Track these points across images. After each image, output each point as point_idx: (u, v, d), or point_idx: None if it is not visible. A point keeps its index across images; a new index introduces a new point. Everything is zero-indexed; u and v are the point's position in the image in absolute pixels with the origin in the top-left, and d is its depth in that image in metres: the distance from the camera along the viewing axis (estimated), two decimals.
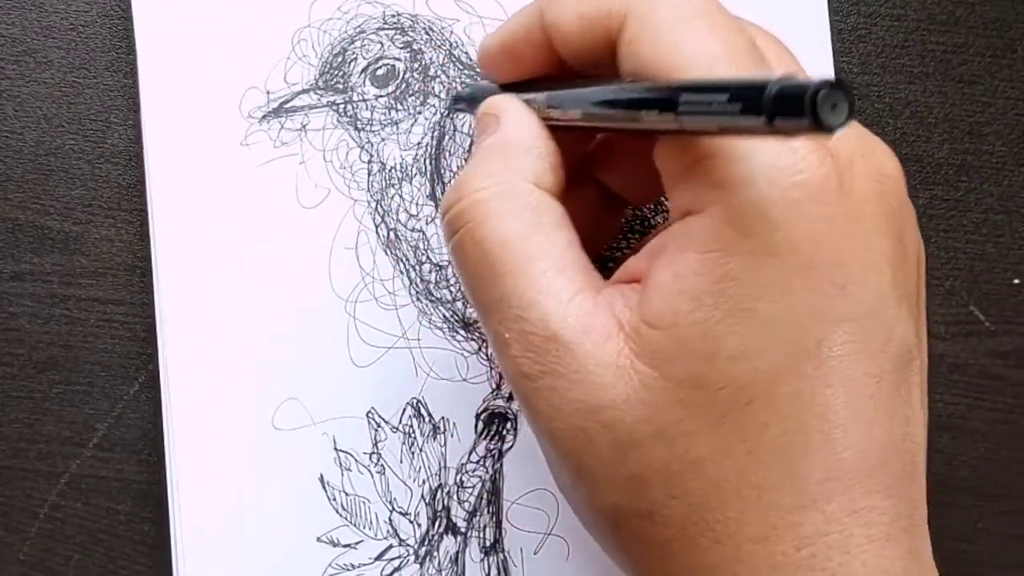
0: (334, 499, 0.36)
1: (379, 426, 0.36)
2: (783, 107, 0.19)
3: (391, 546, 0.36)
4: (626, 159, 0.31)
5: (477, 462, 0.36)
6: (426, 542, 0.36)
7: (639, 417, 0.24)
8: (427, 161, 0.36)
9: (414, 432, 0.36)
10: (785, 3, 0.38)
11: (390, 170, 0.36)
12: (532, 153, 0.28)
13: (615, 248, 0.35)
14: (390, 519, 0.36)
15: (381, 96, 0.37)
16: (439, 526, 0.36)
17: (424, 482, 0.36)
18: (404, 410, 0.36)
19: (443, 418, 0.36)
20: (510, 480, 0.36)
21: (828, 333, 0.24)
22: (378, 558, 0.36)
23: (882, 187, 0.25)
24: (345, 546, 0.36)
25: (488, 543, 0.36)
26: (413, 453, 0.36)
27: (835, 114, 0.18)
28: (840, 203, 0.24)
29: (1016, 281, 0.39)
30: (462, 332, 0.36)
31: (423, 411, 0.36)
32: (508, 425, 0.36)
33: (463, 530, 0.36)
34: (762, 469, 0.24)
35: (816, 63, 0.38)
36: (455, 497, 0.36)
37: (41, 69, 0.37)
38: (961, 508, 0.38)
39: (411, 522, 0.36)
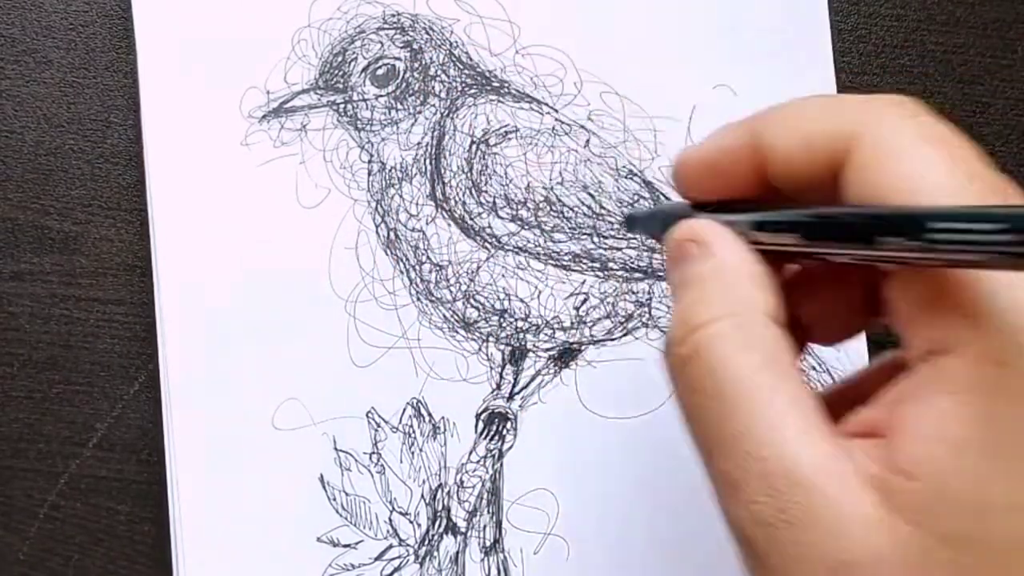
0: (334, 499, 0.36)
1: (379, 426, 0.36)
2: None
3: (391, 546, 0.36)
4: (823, 294, 0.29)
5: (477, 462, 0.36)
6: (426, 542, 0.36)
7: (891, 568, 0.22)
8: (427, 161, 0.36)
9: (414, 432, 0.36)
10: (785, 3, 0.38)
11: (390, 170, 0.36)
12: (756, 282, 0.26)
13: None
14: (390, 519, 0.36)
15: (381, 96, 0.37)
16: (439, 526, 0.36)
17: (424, 482, 0.36)
18: (404, 410, 0.36)
19: (443, 418, 0.36)
20: (510, 480, 0.36)
21: None
22: (378, 558, 0.36)
23: None
24: (345, 546, 0.36)
25: (488, 543, 0.36)
26: (413, 453, 0.36)
27: None
28: None
29: None
30: (462, 332, 0.36)
31: (423, 411, 0.36)
32: (508, 425, 0.36)
33: (463, 530, 0.36)
34: None
35: (816, 63, 0.38)
36: (455, 497, 0.36)
37: (41, 69, 0.37)
38: None
39: (411, 522, 0.36)
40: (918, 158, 0.23)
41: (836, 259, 0.24)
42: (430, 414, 0.36)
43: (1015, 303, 0.22)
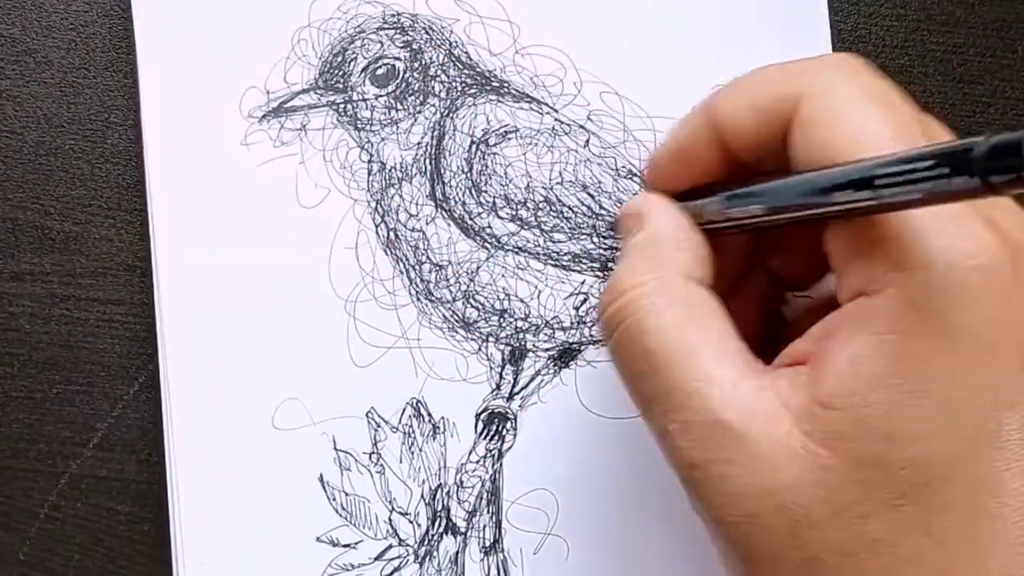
0: (334, 499, 0.36)
1: (379, 426, 0.36)
2: (997, 163, 0.19)
3: (391, 546, 0.36)
4: (793, 247, 0.31)
5: (477, 462, 0.36)
6: (426, 542, 0.36)
7: (816, 498, 0.24)
8: (427, 161, 0.36)
9: (414, 432, 0.36)
10: (785, 3, 0.38)
11: (390, 170, 0.36)
12: (682, 247, 0.28)
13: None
14: (390, 519, 0.36)
15: (381, 96, 0.37)
16: (439, 526, 0.36)
17: (424, 482, 0.36)
18: (404, 410, 0.36)
19: (443, 418, 0.36)
20: (510, 480, 0.36)
21: (1009, 415, 0.24)
22: (378, 558, 0.36)
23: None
24: (345, 546, 0.36)
25: (488, 543, 0.36)
26: (413, 453, 0.36)
27: None
28: (1016, 287, 0.24)
29: None
30: (462, 332, 0.36)
31: (423, 411, 0.36)
32: (508, 425, 0.36)
33: (463, 530, 0.36)
34: (943, 552, 0.24)
35: None
36: (455, 497, 0.36)
37: (41, 69, 0.37)
38: None
39: (411, 522, 0.36)
40: (859, 112, 0.26)
41: (796, 219, 0.26)
42: (430, 414, 0.36)
43: (938, 251, 0.24)
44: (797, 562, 0.24)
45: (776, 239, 0.32)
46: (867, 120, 0.25)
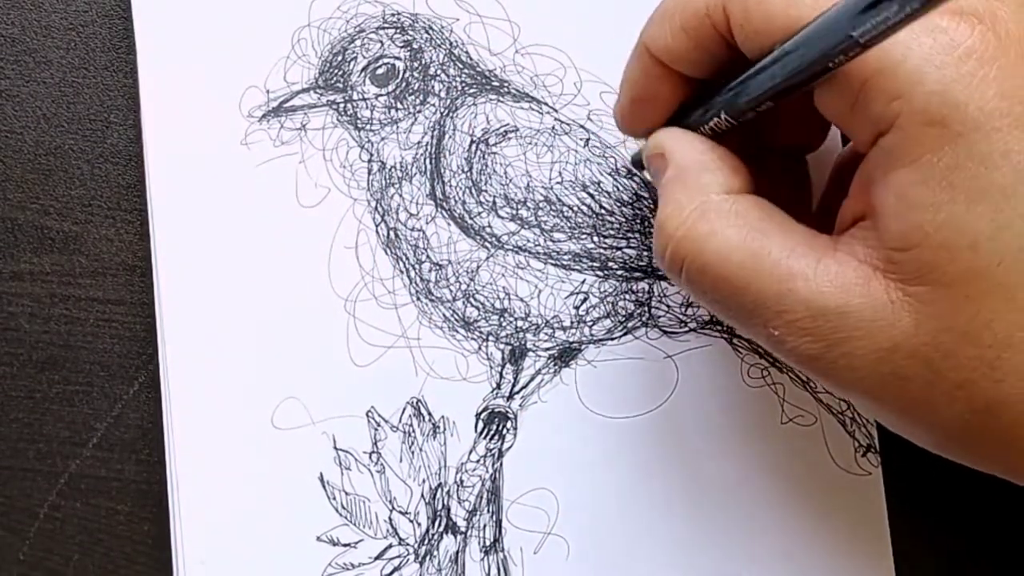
0: (334, 498, 0.36)
1: (379, 425, 0.36)
2: None
3: (391, 545, 0.36)
4: (792, 118, 0.32)
5: (477, 461, 0.36)
6: (426, 541, 0.36)
7: (937, 328, 0.25)
8: (427, 160, 0.36)
9: (414, 431, 0.36)
10: None
11: (390, 169, 0.36)
12: (708, 168, 0.29)
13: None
14: (390, 518, 0.36)
15: (381, 95, 0.37)
16: (439, 525, 0.36)
17: (424, 481, 0.36)
18: (404, 409, 0.36)
19: (443, 417, 0.36)
20: (510, 479, 0.36)
21: None
22: (378, 557, 0.36)
23: None
24: (345, 545, 0.36)
25: (488, 542, 0.36)
26: (413, 452, 0.36)
27: None
28: (1007, 49, 0.24)
29: None
30: (462, 331, 0.36)
31: (423, 410, 0.36)
32: (508, 424, 0.36)
33: (463, 529, 0.36)
34: None
35: None
36: (455, 496, 0.36)
37: (41, 69, 0.37)
38: None
39: (411, 521, 0.36)
40: None
41: (786, 94, 0.27)
42: (430, 413, 0.36)
43: (923, 59, 0.24)
44: (948, 393, 0.25)
45: (772, 120, 0.32)
46: None
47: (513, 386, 0.36)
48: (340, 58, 0.36)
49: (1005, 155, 0.24)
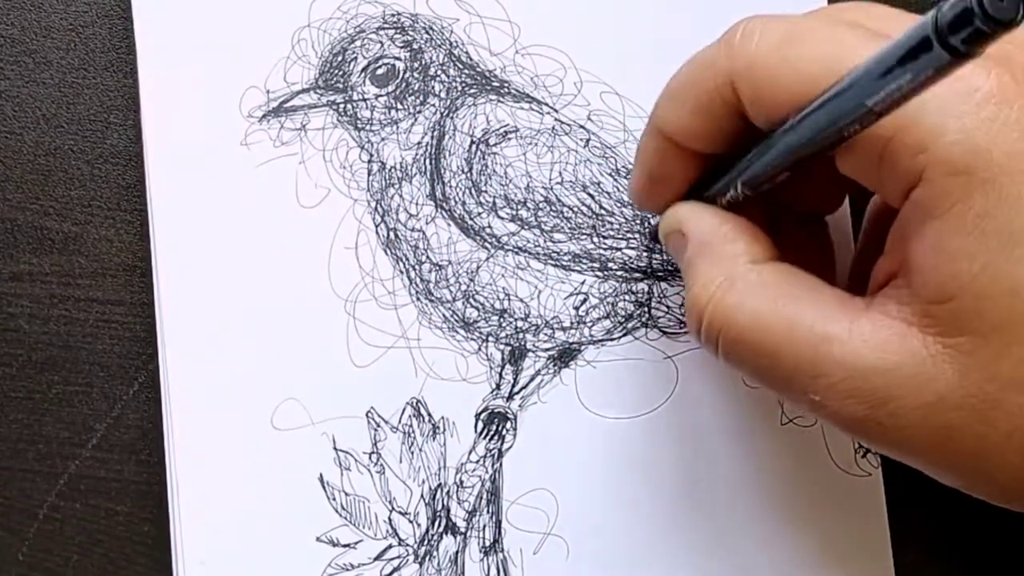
0: (334, 499, 0.36)
1: (379, 426, 0.36)
2: (956, 32, 0.19)
3: (390, 546, 0.36)
4: (809, 182, 0.31)
5: (477, 462, 0.36)
6: (425, 542, 0.36)
7: (983, 379, 0.24)
8: (427, 161, 0.36)
9: (414, 432, 0.36)
10: (784, 4, 0.38)
11: (390, 170, 0.36)
12: (731, 239, 0.29)
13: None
14: (389, 519, 0.36)
15: (381, 95, 0.37)
16: (439, 526, 0.36)
17: (424, 482, 0.36)
18: (404, 410, 0.36)
19: (443, 418, 0.36)
20: (510, 480, 0.36)
21: None
22: (377, 558, 0.36)
23: None
24: (344, 546, 0.36)
25: (487, 543, 0.36)
26: (413, 453, 0.36)
27: (1006, 7, 0.18)
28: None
29: None
30: (462, 332, 0.36)
31: (423, 411, 0.36)
32: (508, 425, 0.36)
33: (463, 530, 0.36)
34: None
35: None
36: (455, 497, 0.36)
37: (41, 69, 0.37)
38: None
39: (411, 522, 0.36)
40: (783, 63, 0.26)
41: (808, 160, 0.27)
42: (430, 414, 0.36)
43: (941, 111, 0.24)
44: (1001, 439, 0.25)
45: (789, 184, 0.32)
46: (803, 60, 0.26)
47: (513, 387, 0.36)
48: (340, 58, 0.36)
49: None
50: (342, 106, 0.36)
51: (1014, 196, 0.24)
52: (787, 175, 0.28)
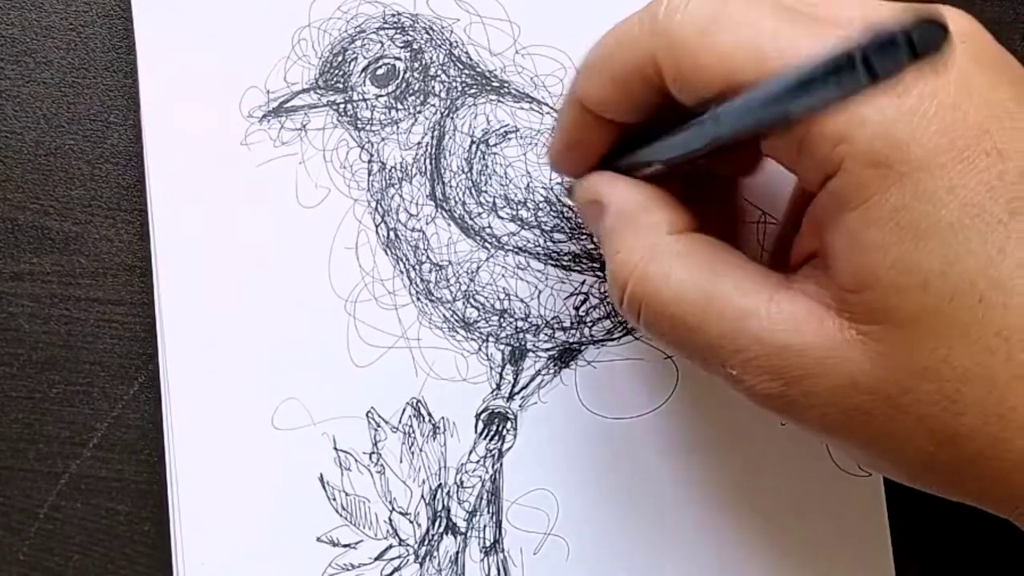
0: (334, 499, 0.36)
1: (379, 426, 0.36)
2: (879, 59, 0.19)
3: (391, 546, 0.36)
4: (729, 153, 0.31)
5: (477, 462, 0.36)
6: (426, 542, 0.36)
7: (895, 367, 0.25)
8: (427, 161, 0.36)
9: (414, 432, 0.36)
10: None
11: (390, 170, 0.36)
12: (650, 210, 0.29)
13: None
14: (390, 519, 0.36)
15: (381, 96, 0.37)
16: (439, 526, 0.36)
17: (424, 482, 0.36)
18: (404, 410, 0.36)
19: (443, 418, 0.36)
20: (510, 480, 0.36)
21: (1007, 195, 0.24)
22: (378, 558, 0.36)
23: (973, 47, 0.25)
24: (345, 546, 0.36)
25: (488, 543, 0.36)
26: (413, 453, 0.36)
27: (931, 40, 0.18)
28: (947, 83, 0.24)
29: None
30: (462, 332, 0.36)
31: (423, 411, 0.36)
32: (508, 425, 0.36)
33: (463, 530, 0.36)
34: (1011, 346, 0.24)
35: None
36: (455, 497, 0.36)
37: (41, 69, 0.37)
38: None
39: (411, 522, 0.36)
40: (705, 44, 0.26)
41: (729, 147, 0.26)
42: (430, 414, 0.36)
43: (876, 113, 0.24)
44: (910, 428, 0.25)
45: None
46: (727, 44, 0.25)
47: (513, 387, 0.36)
48: (340, 58, 0.36)
49: (950, 190, 0.24)
50: (342, 106, 0.36)
51: (930, 191, 0.24)
52: (704, 160, 0.28)
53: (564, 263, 0.36)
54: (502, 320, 0.36)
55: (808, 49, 0.24)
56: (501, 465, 0.36)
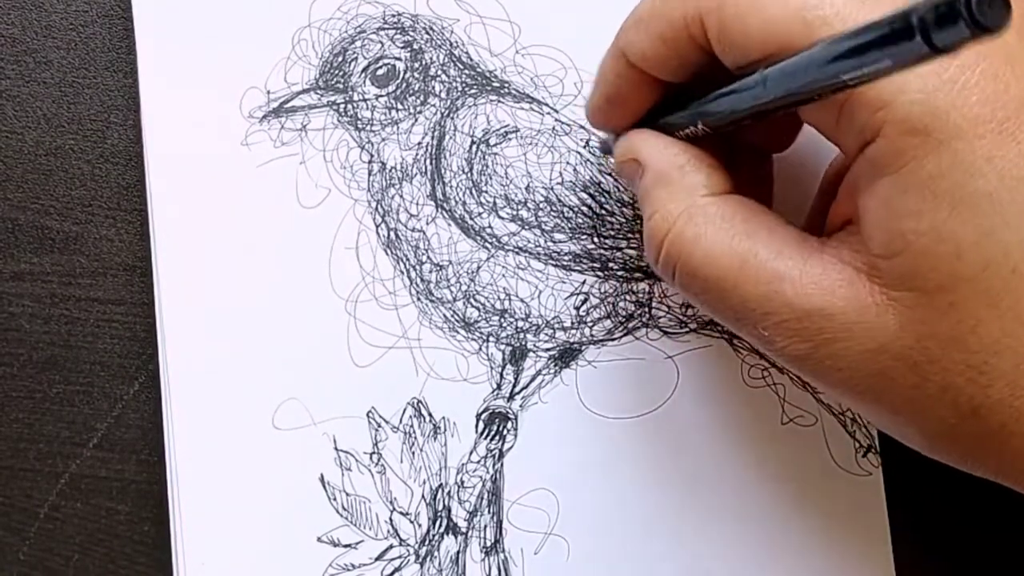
0: (334, 499, 0.36)
1: (379, 426, 0.36)
2: (939, 26, 0.19)
3: (391, 546, 0.36)
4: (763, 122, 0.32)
5: (477, 462, 0.36)
6: (426, 542, 0.36)
7: (923, 334, 0.25)
8: (427, 161, 0.36)
9: (414, 432, 0.36)
10: None
11: (390, 170, 0.36)
12: (688, 171, 0.29)
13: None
14: (390, 519, 0.36)
15: (381, 96, 0.37)
16: (439, 526, 0.36)
17: (424, 482, 0.36)
18: (404, 410, 0.36)
19: (443, 418, 0.36)
20: (510, 480, 0.36)
21: None
22: (378, 558, 0.36)
23: (1017, 19, 0.25)
24: (345, 546, 0.36)
25: (488, 543, 0.36)
26: (413, 453, 0.36)
27: (993, 14, 0.18)
28: (989, 52, 0.24)
29: None
30: (462, 332, 0.36)
31: (423, 411, 0.36)
32: (508, 425, 0.36)
33: (463, 530, 0.36)
34: None
35: None
36: (455, 497, 0.36)
37: (41, 69, 0.37)
38: None
39: (411, 522, 0.36)
40: (755, 5, 0.26)
41: (773, 113, 0.27)
42: (430, 414, 0.36)
43: (917, 81, 0.24)
44: (935, 396, 0.25)
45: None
46: (771, 11, 0.25)
47: (513, 387, 0.36)
48: (340, 59, 0.36)
49: (989, 161, 0.24)
50: (343, 106, 0.36)
51: (967, 160, 0.24)
52: (749, 122, 0.28)
53: (564, 263, 0.36)
54: (502, 320, 0.36)
55: (858, 20, 0.24)
56: (502, 465, 0.36)
